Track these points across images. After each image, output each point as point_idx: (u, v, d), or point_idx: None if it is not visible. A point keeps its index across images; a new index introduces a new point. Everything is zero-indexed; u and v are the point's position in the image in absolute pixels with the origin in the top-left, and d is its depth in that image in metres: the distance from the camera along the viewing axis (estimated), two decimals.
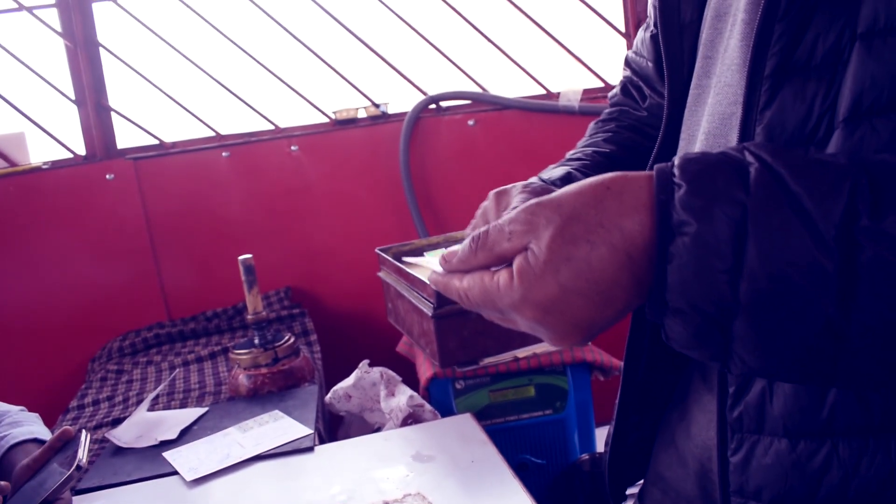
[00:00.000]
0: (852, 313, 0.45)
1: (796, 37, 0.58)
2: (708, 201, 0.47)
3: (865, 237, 0.45)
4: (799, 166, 0.48)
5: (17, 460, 1.23)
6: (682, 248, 0.48)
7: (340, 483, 1.16)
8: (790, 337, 0.47)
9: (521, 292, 0.51)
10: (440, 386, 1.57)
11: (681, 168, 0.50)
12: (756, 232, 0.46)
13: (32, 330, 2.50)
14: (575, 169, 0.90)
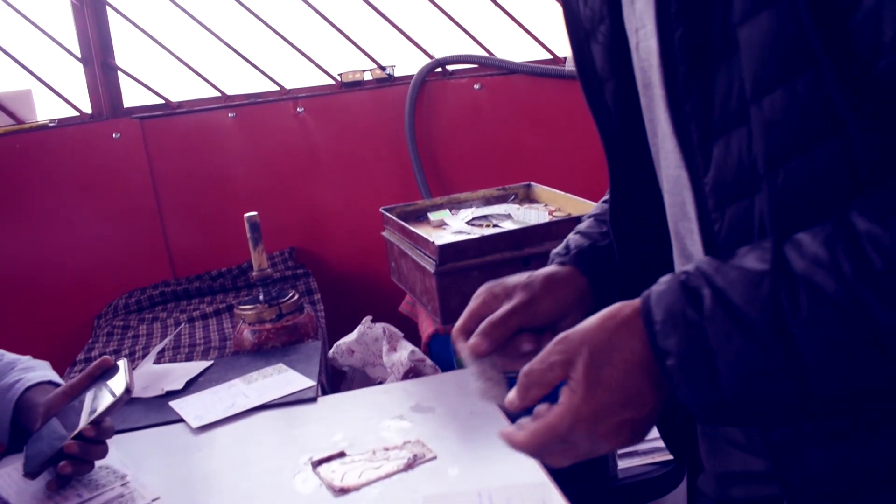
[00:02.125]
0: (811, 384, 0.58)
1: (706, 103, 0.67)
2: (679, 335, 0.62)
3: (795, 328, 0.57)
4: (736, 282, 0.61)
5: (35, 400, 1.25)
6: (671, 367, 0.62)
7: (342, 431, 1.18)
8: (770, 414, 0.62)
9: (573, 414, 0.65)
10: (441, 342, 1.59)
11: (656, 304, 0.64)
12: (717, 348, 0.60)
13: (38, 287, 2.53)
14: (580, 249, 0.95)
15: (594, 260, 0.92)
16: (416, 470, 1.04)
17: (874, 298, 0.55)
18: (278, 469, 1.09)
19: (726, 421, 0.66)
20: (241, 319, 1.71)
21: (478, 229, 1.75)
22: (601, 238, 0.95)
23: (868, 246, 0.57)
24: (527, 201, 2.01)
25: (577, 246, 0.94)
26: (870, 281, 0.56)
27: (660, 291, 0.65)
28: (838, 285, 0.57)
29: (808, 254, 0.60)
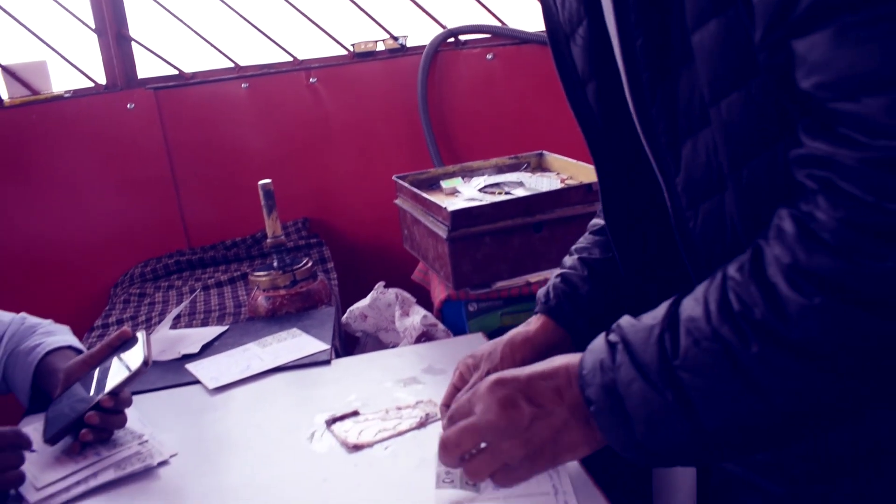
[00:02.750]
0: (702, 422, 0.63)
1: (671, 108, 0.70)
2: (596, 383, 0.70)
3: (678, 370, 0.64)
4: (638, 331, 0.68)
5: (55, 364, 1.27)
6: (593, 413, 0.71)
7: (356, 392, 1.20)
8: (672, 447, 0.67)
9: (505, 424, 0.75)
10: (453, 308, 1.60)
11: (587, 355, 0.73)
12: (624, 394, 0.67)
13: (56, 256, 2.56)
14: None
15: (573, 311, 0.99)
16: (428, 428, 1.06)
17: (734, 338, 0.61)
18: (293, 428, 1.11)
19: (649, 462, 0.70)
20: (256, 286, 1.73)
21: (490, 196, 1.75)
22: (582, 284, 1.00)
23: (730, 289, 0.62)
24: (539, 170, 2.01)
25: (556, 296, 1.00)
26: (730, 321, 0.61)
27: (591, 346, 0.73)
28: (707, 327, 0.63)
29: (692, 299, 0.66)
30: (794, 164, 0.60)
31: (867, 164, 0.54)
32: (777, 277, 0.59)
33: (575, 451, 0.75)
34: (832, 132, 0.56)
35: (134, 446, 1.09)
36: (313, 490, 0.94)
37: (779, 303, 0.59)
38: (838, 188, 0.55)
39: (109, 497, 1.00)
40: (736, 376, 0.61)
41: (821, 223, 0.57)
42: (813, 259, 0.57)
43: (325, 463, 1.00)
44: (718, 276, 0.64)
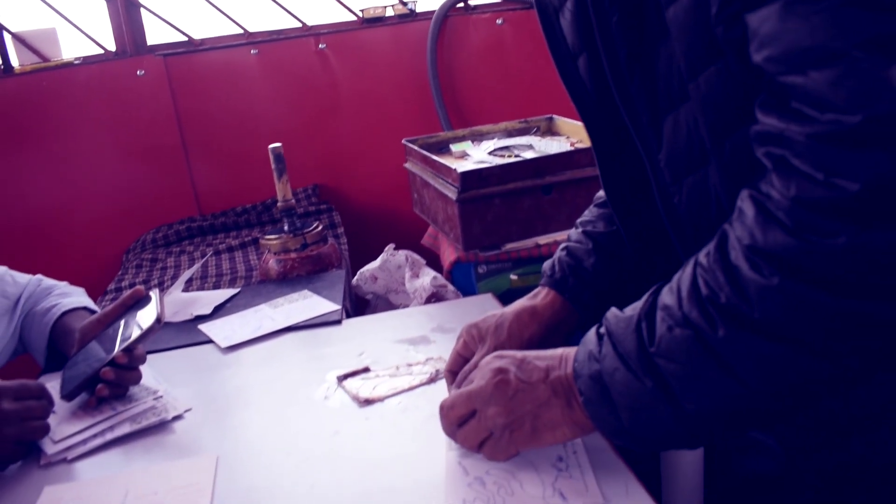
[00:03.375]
0: (683, 407, 0.65)
1: (650, 84, 0.71)
2: (585, 373, 0.73)
3: (655, 357, 0.66)
4: (620, 321, 0.71)
5: (71, 325, 1.29)
6: (584, 403, 0.74)
7: (366, 350, 1.21)
8: (658, 433, 0.69)
9: (498, 395, 0.80)
10: (463, 270, 1.61)
11: (580, 347, 0.76)
12: (609, 383, 0.70)
13: (68, 222, 2.58)
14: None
15: (578, 285, 0.99)
16: (438, 383, 1.07)
17: (703, 323, 0.62)
18: (305, 384, 1.12)
19: (639, 447, 0.72)
20: (267, 249, 1.74)
21: (499, 160, 1.75)
22: (587, 257, 1.00)
23: (699, 275, 0.63)
24: (549, 134, 2.01)
25: (561, 269, 1.00)
26: (699, 307, 0.62)
27: (585, 338, 0.75)
28: (679, 313, 0.65)
29: (668, 287, 0.68)
30: (754, 142, 0.60)
31: (815, 139, 0.54)
32: (739, 260, 0.60)
33: (555, 430, 0.77)
34: (785, 107, 0.56)
35: (149, 401, 1.11)
36: (325, 441, 0.95)
37: (741, 285, 0.59)
38: (791, 166, 0.56)
39: (125, 449, 1.01)
40: (709, 360, 0.62)
41: (776, 203, 0.57)
42: (769, 239, 0.57)
43: (337, 416, 1.02)
44: (690, 264, 0.66)
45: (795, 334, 0.58)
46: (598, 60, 0.80)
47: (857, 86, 0.51)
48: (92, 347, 1.17)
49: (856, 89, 0.51)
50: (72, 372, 1.15)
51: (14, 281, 1.41)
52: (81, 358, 1.16)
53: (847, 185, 0.52)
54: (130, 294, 1.23)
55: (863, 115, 0.51)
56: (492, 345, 0.96)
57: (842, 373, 0.60)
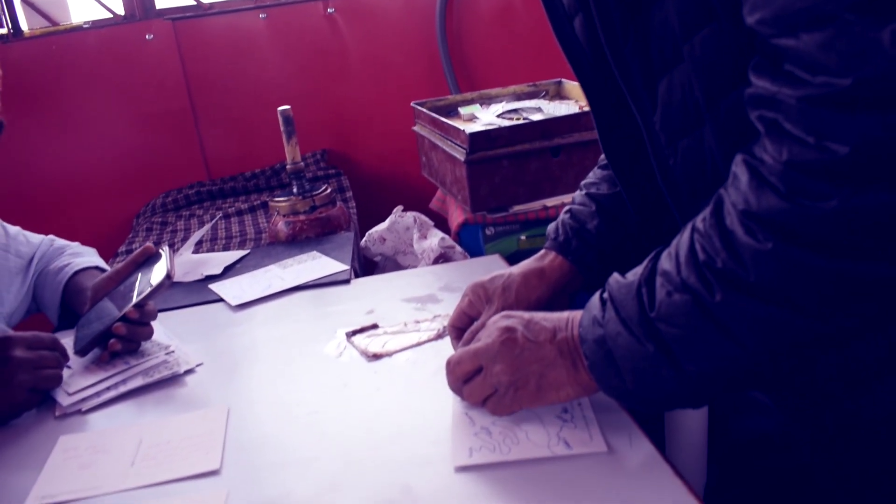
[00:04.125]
0: (685, 369, 0.66)
1: (644, 46, 0.71)
2: (590, 338, 0.74)
3: (656, 321, 0.67)
4: (622, 286, 0.72)
5: (83, 284, 1.31)
6: (589, 367, 0.74)
7: (374, 307, 1.23)
8: (662, 394, 0.70)
9: (505, 352, 0.81)
10: (471, 231, 1.62)
11: (584, 312, 0.76)
12: (612, 346, 0.71)
13: (78, 186, 2.60)
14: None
15: (581, 247, 0.99)
16: (445, 339, 1.09)
17: (700, 287, 0.63)
18: (314, 340, 1.14)
19: (644, 407, 0.75)
20: (276, 212, 1.75)
21: (508, 122, 1.75)
22: (590, 219, 1.00)
23: (696, 241, 0.64)
24: (557, 97, 2.00)
25: (565, 232, 1.01)
26: (696, 271, 0.63)
27: (589, 303, 0.76)
28: (677, 278, 0.65)
29: (667, 253, 0.68)
30: (747, 105, 0.60)
31: (807, 102, 0.54)
32: (734, 225, 0.60)
33: (559, 390, 0.79)
34: (777, 70, 0.56)
35: (161, 356, 1.13)
36: (334, 394, 0.97)
37: (737, 250, 0.60)
38: (783, 129, 0.56)
39: (138, 402, 1.03)
40: (707, 323, 0.63)
41: (769, 167, 0.57)
42: (762, 204, 0.58)
43: (346, 370, 1.03)
44: (688, 229, 0.66)
45: (790, 297, 0.59)
46: (594, 22, 0.80)
47: (848, 48, 0.51)
48: (104, 304, 1.19)
49: (847, 52, 0.51)
50: (85, 328, 1.16)
51: (27, 241, 1.43)
52: (94, 315, 1.18)
53: (838, 148, 0.53)
54: (141, 251, 1.24)
55: (853, 77, 0.51)
56: (499, 306, 0.97)
57: (836, 333, 0.61)
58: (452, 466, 0.78)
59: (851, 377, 0.72)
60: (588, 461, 0.76)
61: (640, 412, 0.84)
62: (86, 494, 0.83)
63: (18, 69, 2.44)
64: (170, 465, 0.85)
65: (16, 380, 0.99)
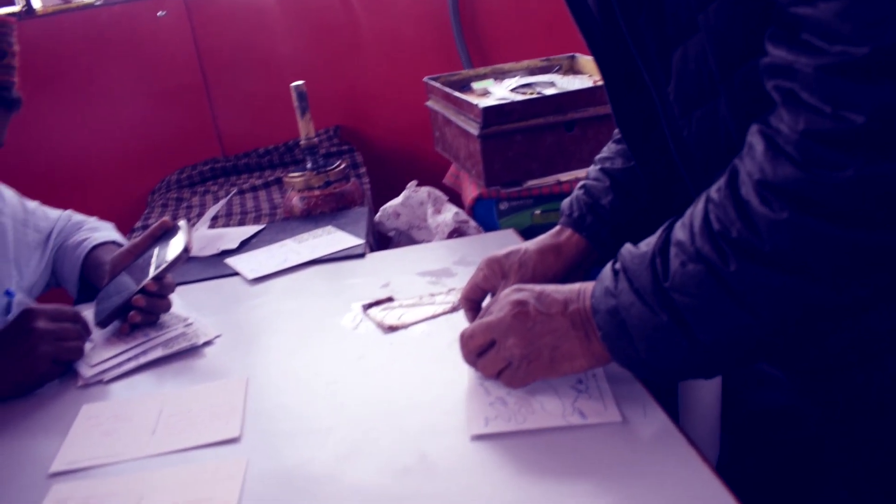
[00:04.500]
0: (698, 338, 0.67)
1: (659, 15, 0.70)
2: (603, 309, 0.74)
3: (670, 291, 0.67)
4: (635, 257, 0.72)
5: (101, 258, 1.33)
6: (602, 337, 0.75)
7: (390, 281, 1.24)
8: (675, 364, 0.71)
9: (517, 325, 0.82)
10: (485, 206, 1.62)
11: (596, 284, 0.77)
12: (626, 317, 0.71)
13: (92, 164, 2.61)
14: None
15: (595, 222, 1.00)
16: (460, 312, 1.09)
17: (715, 257, 0.63)
18: (330, 312, 1.15)
19: (657, 378, 0.75)
20: (291, 187, 1.76)
21: (521, 97, 1.75)
22: (604, 194, 1.00)
23: (710, 211, 0.64)
24: (571, 72, 2.00)
25: (579, 208, 1.01)
26: (710, 241, 0.63)
27: (601, 274, 0.77)
28: (691, 248, 0.66)
29: (681, 223, 0.69)
30: (763, 74, 0.60)
31: (824, 71, 0.53)
32: (749, 195, 0.60)
33: (573, 361, 0.79)
34: (794, 39, 0.56)
35: (179, 328, 1.14)
36: (350, 365, 0.98)
37: (752, 220, 0.60)
38: (799, 99, 0.56)
39: (158, 373, 1.05)
40: (721, 293, 0.63)
41: (784, 137, 0.57)
42: (778, 173, 0.58)
43: (362, 342, 1.04)
44: (702, 199, 0.66)
45: (805, 266, 0.59)
46: None
47: (866, 16, 0.51)
48: (123, 278, 1.20)
49: (865, 20, 0.51)
50: (105, 301, 1.18)
51: (45, 216, 1.44)
52: (113, 288, 1.20)
53: (854, 118, 0.53)
54: (158, 225, 1.26)
55: (871, 45, 0.51)
56: (515, 281, 0.97)
57: (850, 302, 0.61)
58: (468, 435, 0.79)
59: (864, 349, 0.72)
60: (602, 431, 0.77)
61: (653, 383, 0.85)
62: (109, 460, 0.84)
63: (31, 47, 2.45)
64: (190, 433, 0.87)
65: (39, 350, 1.01)
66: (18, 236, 1.34)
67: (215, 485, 0.77)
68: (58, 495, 0.79)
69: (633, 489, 0.68)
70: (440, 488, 0.72)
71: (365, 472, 0.76)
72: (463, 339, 0.86)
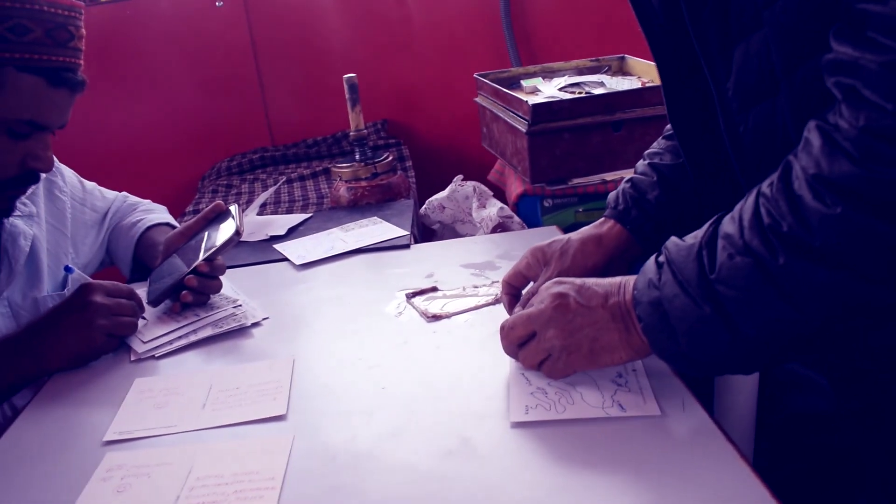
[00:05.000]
0: (741, 331, 0.67)
1: (723, 9, 0.71)
2: (645, 300, 0.75)
3: (715, 284, 0.67)
4: (681, 249, 0.72)
5: (155, 239, 1.37)
6: (643, 329, 0.76)
7: (434, 271, 1.26)
8: (715, 357, 0.71)
9: (557, 317, 0.83)
10: (529, 203, 1.64)
11: (640, 276, 0.78)
12: (669, 309, 0.72)
13: (147, 149, 2.67)
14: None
15: (640, 216, 1.01)
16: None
17: (763, 250, 0.63)
18: (375, 299, 1.18)
19: (695, 371, 0.76)
20: (338, 177, 1.79)
21: (570, 96, 1.76)
22: (651, 189, 1.01)
23: (761, 205, 0.64)
24: (620, 73, 2.00)
25: (625, 201, 1.02)
26: (760, 235, 0.63)
27: (644, 267, 0.78)
28: (740, 241, 0.66)
29: (730, 217, 0.69)
30: (825, 71, 0.60)
31: (888, 68, 0.54)
32: (803, 189, 0.61)
33: (612, 353, 0.80)
34: (860, 36, 0.56)
35: (229, 309, 1.17)
36: (394, 350, 1.01)
37: (803, 214, 0.60)
38: (861, 96, 0.56)
39: (207, 351, 1.08)
40: (767, 286, 0.64)
41: (844, 132, 0.58)
42: (835, 169, 0.58)
43: (406, 329, 1.07)
44: (753, 194, 0.67)
45: (855, 263, 0.59)
46: None
47: None
48: (175, 259, 1.24)
49: None
50: (158, 281, 1.22)
51: (102, 196, 1.49)
52: (166, 268, 1.24)
53: None
54: (211, 208, 1.29)
55: None
56: (555, 269, 0.99)
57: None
58: (509, 422, 0.81)
59: None
60: (641, 424, 0.78)
61: (691, 380, 0.86)
62: (161, 431, 0.88)
63: (93, 34, 2.49)
64: (239, 410, 0.90)
65: (95, 324, 1.05)
66: (76, 214, 1.39)
67: (263, 458, 0.79)
68: (112, 462, 0.82)
69: (670, 482, 0.69)
70: (481, 471, 0.74)
71: (407, 453, 0.78)
72: (504, 331, 0.88)
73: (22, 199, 1.21)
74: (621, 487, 0.69)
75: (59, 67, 1.08)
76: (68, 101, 1.13)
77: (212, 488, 0.75)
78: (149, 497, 0.76)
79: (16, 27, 1.01)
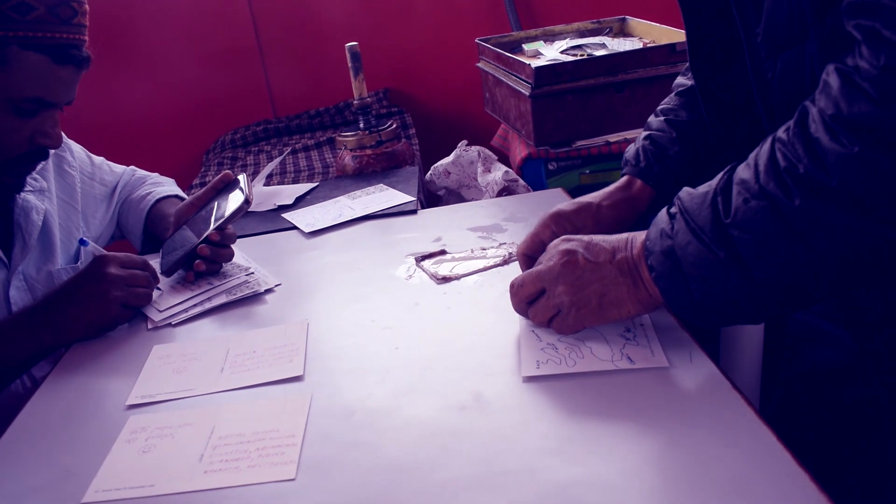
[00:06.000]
0: (754, 276, 0.67)
1: None
2: (658, 249, 0.75)
3: (730, 228, 0.67)
4: (694, 198, 0.73)
5: (164, 211, 1.38)
6: (654, 278, 0.77)
7: (441, 236, 1.27)
8: (726, 305, 0.72)
9: (566, 273, 0.85)
10: (533, 166, 1.65)
11: (652, 227, 0.78)
12: (682, 256, 0.72)
13: (150, 123, 2.68)
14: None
15: (662, 172, 1.01)
16: (511, 265, 1.13)
17: (779, 193, 0.64)
18: (385, 263, 1.19)
19: (706, 320, 0.76)
20: (343, 146, 1.79)
21: (572, 58, 1.76)
22: (671, 145, 1.01)
23: (777, 150, 0.64)
24: (621, 35, 2.00)
25: (646, 157, 1.02)
26: (776, 178, 0.64)
27: (656, 219, 0.78)
28: (755, 185, 0.66)
29: (744, 164, 0.69)
30: (845, 15, 0.60)
31: None
32: (819, 132, 0.61)
33: (620, 307, 0.82)
34: None
35: (242, 276, 1.19)
36: (406, 311, 1.03)
37: (820, 155, 0.61)
38: (881, 36, 0.56)
39: (222, 317, 1.10)
40: (782, 229, 0.64)
41: (863, 73, 0.58)
42: (853, 108, 0.58)
43: (417, 291, 1.08)
44: (769, 140, 0.67)
45: (871, 203, 0.59)
46: None
47: None
48: (186, 230, 1.26)
49: None
50: (170, 250, 1.24)
51: (111, 170, 1.50)
52: (178, 239, 1.25)
53: None
54: (220, 178, 1.31)
55: None
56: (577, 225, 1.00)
57: None
58: (520, 377, 0.83)
59: None
60: (650, 375, 0.80)
61: (697, 332, 0.87)
62: (181, 395, 0.90)
63: (93, 9, 2.50)
64: (256, 372, 0.92)
65: (110, 295, 1.07)
66: (86, 189, 1.40)
67: (283, 417, 0.82)
68: (135, 424, 0.85)
69: (679, 430, 0.71)
70: (494, 424, 0.76)
71: (422, 408, 0.80)
72: (513, 289, 0.89)
73: (32, 174, 1.23)
74: (632, 436, 0.71)
75: (64, 44, 1.08)
76: (74, 78, 1.14)
77: (234, 446, 0.78)
78: (174, 455, 0.78)
79: (19, 5, 1.02)
